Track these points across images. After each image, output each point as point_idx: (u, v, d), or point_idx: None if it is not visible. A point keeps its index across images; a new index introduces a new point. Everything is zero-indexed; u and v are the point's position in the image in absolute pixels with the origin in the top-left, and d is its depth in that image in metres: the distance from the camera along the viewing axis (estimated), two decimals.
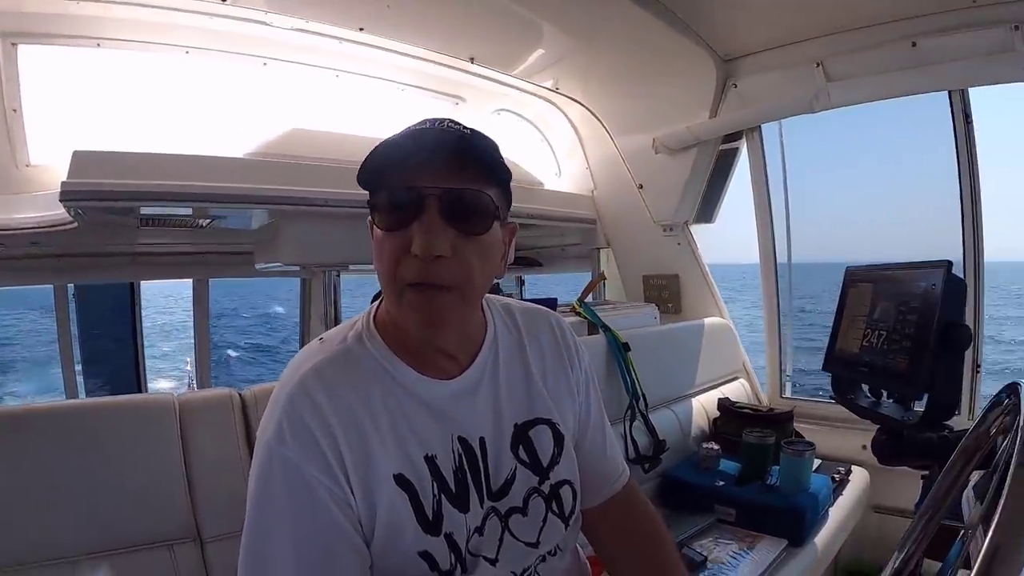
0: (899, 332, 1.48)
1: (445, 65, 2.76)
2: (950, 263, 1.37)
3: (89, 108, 2.23)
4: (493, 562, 0.92)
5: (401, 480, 0.86)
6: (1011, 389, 0.85)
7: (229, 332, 24.36)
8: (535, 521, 0.97)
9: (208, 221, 2.29)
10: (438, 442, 0.91)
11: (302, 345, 3.73)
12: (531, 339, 1.06)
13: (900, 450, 1.53)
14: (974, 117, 2.27)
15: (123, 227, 2.30)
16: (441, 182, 0.82)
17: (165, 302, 27.34)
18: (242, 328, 26.79)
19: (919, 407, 1.49)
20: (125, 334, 3.92)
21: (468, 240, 0.84)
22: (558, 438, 1.01)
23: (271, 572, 0.80)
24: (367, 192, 0.87)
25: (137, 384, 3.89)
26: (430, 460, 0.89)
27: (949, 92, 2.28)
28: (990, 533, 0.48)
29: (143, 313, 4.02)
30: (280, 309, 27.25)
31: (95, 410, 1.23)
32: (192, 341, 3.73)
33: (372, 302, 1.02)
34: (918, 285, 1.47)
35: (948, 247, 2.22)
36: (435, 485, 0.89)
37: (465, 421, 0.94)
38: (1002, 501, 0.51)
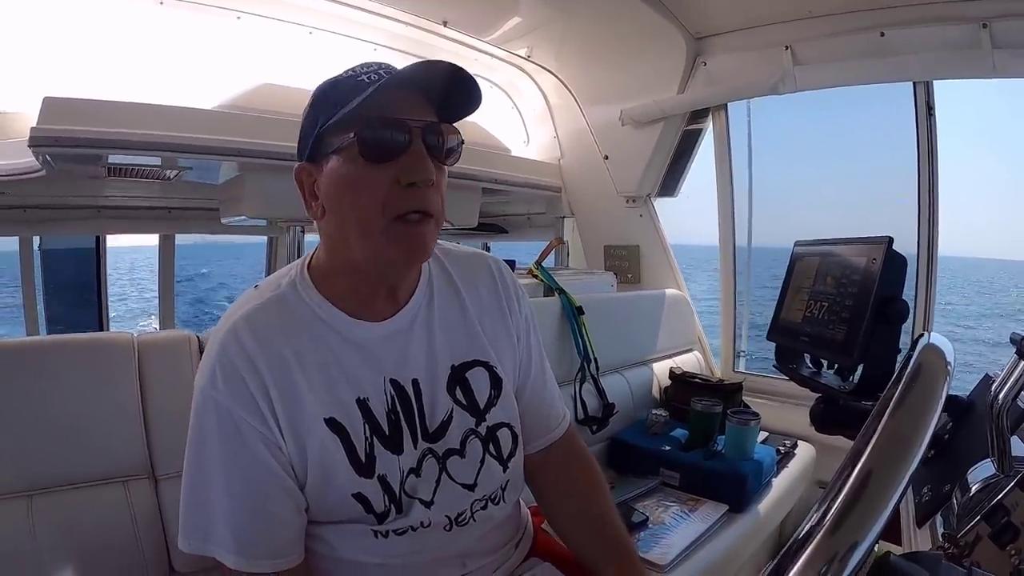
0: (839, 304, 1.53)
1: (418, 27, 2.74)
2: (891, 239, 1.42)
3: (61, 56, 2.20)
4: (428, 504, 0.95)
5: (332, 423, 0.89)
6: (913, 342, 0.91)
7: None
8: (473, 463, 1.00)
9: (176, 173, 2.27)
10: (370, 385, 0.93)
11: None
12: (467, 282, 1.07)
13: (835, 418, 1.59)
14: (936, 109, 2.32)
15: (90, 178, 2.28)
16: (425, 116, 0.87)
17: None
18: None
19: (856, 378, 1.55)
20: (90, 293, 3.87)
21: (441, 171, 0.89)
22: (495, 380, 1.04)
23: (207, 509, 0.84)
24: (323, 130, 0.86)
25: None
26: (362, 403, 0.92)
27: (914, 83, 2.32)
28: (863, 458, 0.52)
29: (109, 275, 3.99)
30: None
31: (55, 347, 1.24)
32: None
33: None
34: (860, 259, 1.52)
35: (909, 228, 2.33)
36: (367, 427, 0.91)
37: (398, 363, 0.96)
38: (877, 433, 0.56)
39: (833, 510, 0.47)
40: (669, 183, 3.07)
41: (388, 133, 0.84)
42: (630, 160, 3.02)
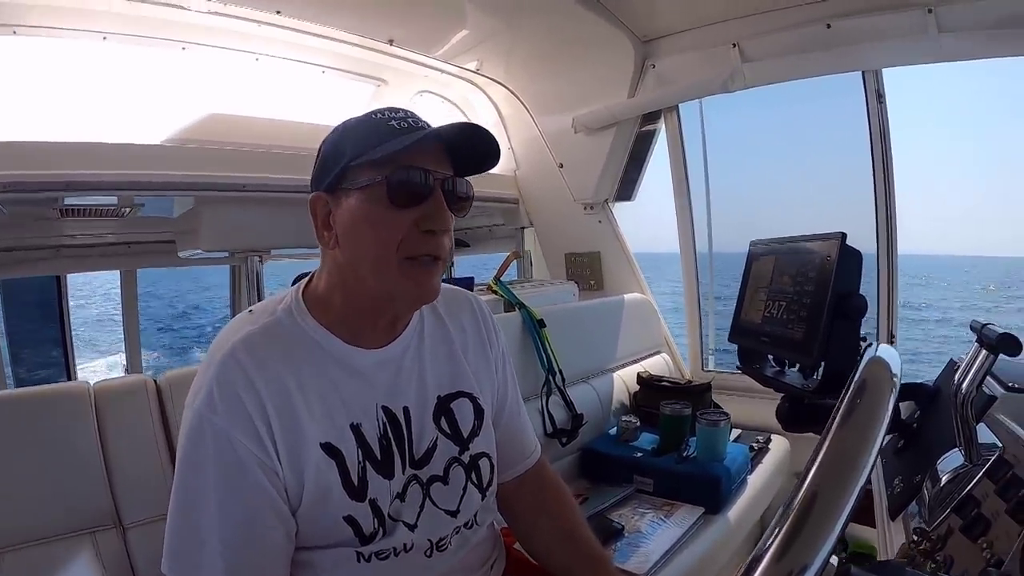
0: (797, 302, 1.54)
1: (366, 48, 2.73)
2: (844, 235, 1.43)
3: (5, 97, 2.18)
4: (412, 527, 0.97)
5: (328, 448, 0.91)
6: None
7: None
8: (456, 490, 1.03)
9: (129, 210, 2.27)
10: (363, 411, 0.95)
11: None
12: (453, 318, 1.12)
13: (800, 417, 1.59)
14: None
15: (45, 219, 2.28)
16: (446, 169, 0.93)
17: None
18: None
19: (818, 376, 1.56)
20: (53, 330, 3.87)
21: (452, 219, 0.95)
22: (478, 411, 1.08)
23: (197, 535, 0.84)
24: (351, 165, 0.91)
25: (67, 376, 3.87)
26: (355, 428, 0.94)
27: (863, 72, 2.36)
28: (807, 480, 0.52)
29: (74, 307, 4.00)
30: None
31: (9, 401, 1.24)
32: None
33: (292, 284, 1.06)
34: (815, 256, 1.53)
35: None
36: (360, 452, 0.93)
37: (390, 390, 0.99)
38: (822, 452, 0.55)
39: (781, 534, 0.46)
40: (626, 187, 3.08)
41: (416, 181, 0.89)
42: (585, 167, 3.04)
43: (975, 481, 0.91)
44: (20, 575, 1.12)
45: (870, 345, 0.83)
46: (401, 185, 0.88)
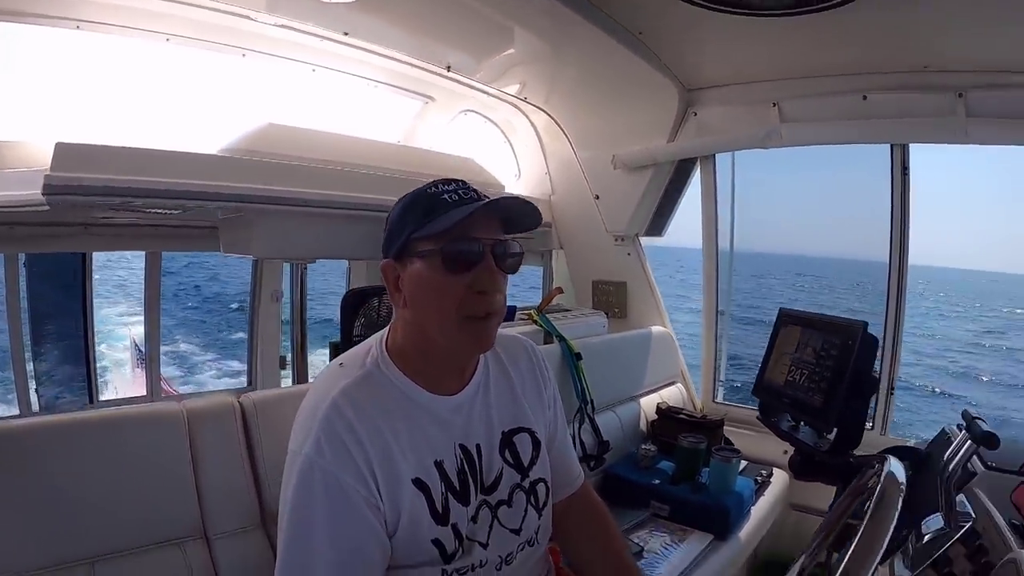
0: (818, 374, 1.75)
1: (420, 68, 2.85)
2: (866, 323, 1.63)
3: (65, 89, 2.24)
4: (485, 546, 1.12)
5: (418, 483, 1.05)
6: (879, 458, 1.11)
7: None
8: (519, 511, 1.18)
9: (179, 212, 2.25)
10: (444, 449, 1.10)
11: (251, 312, 3.68)
12: (512, 362, 1.28)
13: (812, 470, 1.81)
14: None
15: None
16: (495, 235, 1.07)
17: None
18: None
19: (830, 436, 1.77)
20: (75, 308, 3.77)
21: (505, 281, 1.10)
22: (536, 443, 1.24)
23: (309, 562, 0.98)
24: (413, 237, 1.06)
25: (86, 359, 3.72)
26: (439, 465, 1.09)
27: (891, 145, 2.51)
28: (845, 559, 0.73)
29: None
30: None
31: (111, 421, 1.32)
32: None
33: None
34: (838, 336, 1.73)
35: None
36: (443, 485, 1.08)
37: (464, 430, 1.14)
38: (857, 538, 0.78)
39: None
40: (656, 224, 3.22)
41: (466, 250, 1.04)
42: (620, 201, 3.17)
43: (950, 543, 1.07)
44: None
45: (885, 460, 1.02)
46: (454, 254, 1.03)
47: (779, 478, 2.62)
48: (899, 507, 0.87)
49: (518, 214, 1.10)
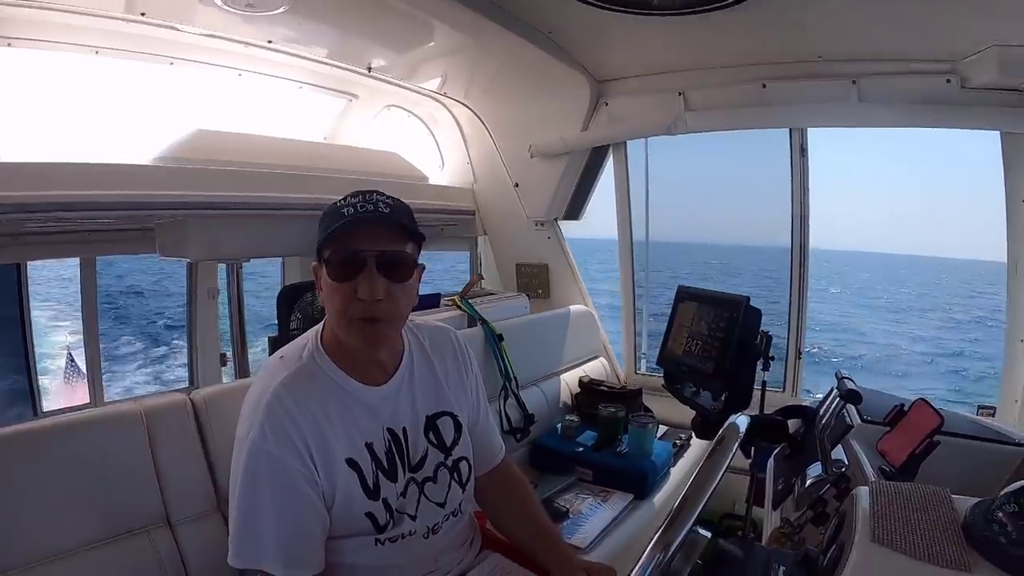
0: (710, 345, 1.96)
1: (343, 68, 2.92)
2: (748, 298, 1.85)
3: None
4: (413, 518, 1.28)
5: (351, 462, 1.19)
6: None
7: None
8: (443, 487, 1.33)
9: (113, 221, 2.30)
10: (373, 432, 1.24)
11: (188, 312, 3.67)
12: (436, 351, 1.41)
13: (709, 430, 2.03)
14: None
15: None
16: (380, 246, 1.16)
17: None
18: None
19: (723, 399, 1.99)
20: (12, 322, 3.63)
21: (397, 286, 1.19)
22: (457, 426, 1.38)
23: (258, 534, 1.12)
24: (319, 245, 1.18)
25: (27, 370, 3.62)
26: (369, 446, 1.22)
27: (790, 129, 2.71)
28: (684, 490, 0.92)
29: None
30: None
31: (75, 423, 1.38)
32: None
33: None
34: (726, 310, 1.94)
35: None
36: (373, 464, 1.22)
37: (392, 415, 1.28)
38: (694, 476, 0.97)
39: (666, 521, 0.89)
40: (574, 208, 3.37)
41: (347, 261, 1.15)
42: (538, 188, 3.33)
43: (825, 488, 1.24)
44: (95, 567, 1.29)
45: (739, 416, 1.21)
46: (336, 264, 1.15)
47: (698, 442, 2.74)
48: (734, 451, 1.07)
49: (408, 222, 1.21)
